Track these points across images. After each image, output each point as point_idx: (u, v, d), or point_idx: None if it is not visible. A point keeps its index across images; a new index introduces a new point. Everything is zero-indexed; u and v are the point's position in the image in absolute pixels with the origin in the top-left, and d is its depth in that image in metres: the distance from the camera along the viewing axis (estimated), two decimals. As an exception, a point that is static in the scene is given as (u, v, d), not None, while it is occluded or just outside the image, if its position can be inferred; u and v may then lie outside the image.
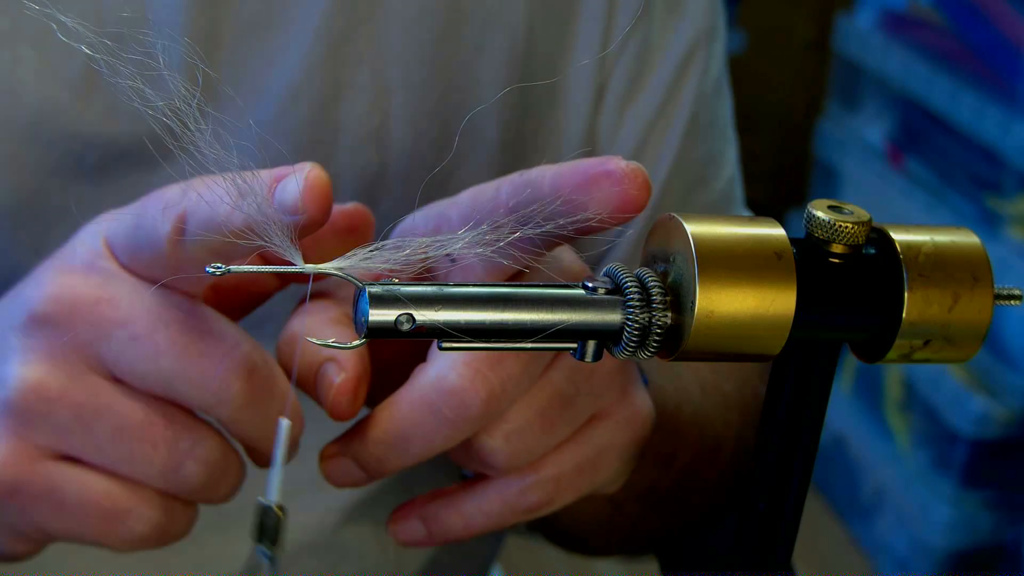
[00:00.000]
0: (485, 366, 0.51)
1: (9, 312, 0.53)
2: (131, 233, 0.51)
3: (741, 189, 0.85)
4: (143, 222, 0.49)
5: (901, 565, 2.03)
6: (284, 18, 0.71)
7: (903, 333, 0.46)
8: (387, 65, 0.72)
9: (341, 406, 0.53)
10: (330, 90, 0.71)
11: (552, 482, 0.55)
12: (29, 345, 0.51)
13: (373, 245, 0.45)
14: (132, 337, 0.50)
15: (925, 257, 0.46)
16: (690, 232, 0.44)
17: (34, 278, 0.53)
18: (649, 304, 0.44)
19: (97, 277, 0.51)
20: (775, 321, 0.44)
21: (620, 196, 0.46)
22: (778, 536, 0.50)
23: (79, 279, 0.51)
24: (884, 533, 2.07)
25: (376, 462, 0.54)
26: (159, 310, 0.50)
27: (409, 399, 0.52)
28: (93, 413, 0.51)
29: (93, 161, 0.70)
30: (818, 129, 2.36)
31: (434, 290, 0.43)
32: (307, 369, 0.54)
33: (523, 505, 0.55)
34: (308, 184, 0.45)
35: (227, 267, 0.43)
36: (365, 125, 0.72)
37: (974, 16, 1.96)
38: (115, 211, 0.52)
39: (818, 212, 0.46)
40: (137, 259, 0.51)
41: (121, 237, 0.51)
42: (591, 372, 0.55)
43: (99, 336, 0.50)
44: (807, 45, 2.64)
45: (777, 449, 0.49)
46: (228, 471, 0.53)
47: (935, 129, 2.05)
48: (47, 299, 0.51)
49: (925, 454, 1.98)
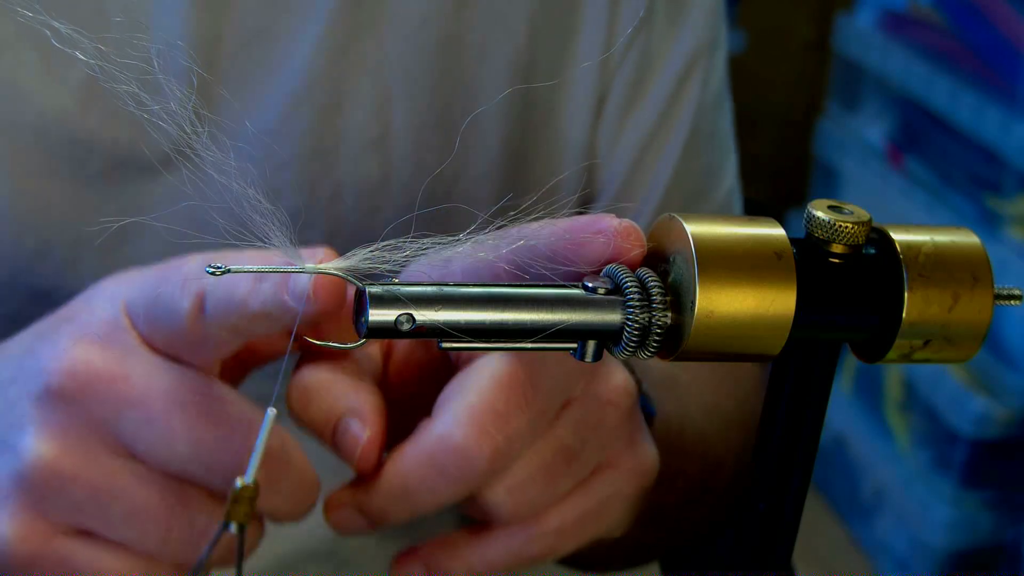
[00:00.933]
0: (490, 423, 0.51)
1: (26, 374, 0.52)
2: (151, 305, 0.50)
3: (740, 200, 0.85)
4: (163, 296, 0.49)
5: (901, 565, 2.03)
6: (286, 26, 0.71)
7: (903, 333, 0.46)
8: (389, 74, 0.72)
9: (369, 463, 0.53)
10: (332, 98, 0.71)
11: (555, 534, 0.55)
12: (45, 419, 0.50)
13: (373, 245, 0.45)
14: (148, 419, 0.50)
15: (925, 257, 0.46)
16: (690, 232, 0.44)
17: (51, 340, 0.52)
18: (649, 304, 0.44)
19: (115, 351, 0.50)
20: (775, 321, 0.44)
21: (615, 252, 0.46)
22: (778, 536, 0.50)
23: (97, 352, 0.50)
24: (884, 533, 2.07)
25: (380, 513, 0.54)
26: (176, 391, 0.50)
27: (414, 455, 0.52)
28: (108, 494, 0.50)
29: (97, 167, 0.70)
30: (818, 129, 2.36)
31: (434, 290, 0.43)
32: (324, 417, 0.54)
33: (526, 555, 0.55)
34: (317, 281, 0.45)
35: (227, 267, 0.43)
36: (367, 133, 0.72)
37: (974, 16, 1.96)
38: (134, 273, 0.52)
39: (818, 212, 0.46)
40: (156, 332, 0.50)
41: (141, 308, 0.51)
42: (597, 425, 0.54)
43: (115, 415, 0.50)
44: (807, 45, 2.64)
45: (777, 449, 0.49)
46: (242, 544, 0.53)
47: (935, 129, 2.05)
48: (64, 373, 0.50)
49: (925, 454, 1.98)
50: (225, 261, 0.45)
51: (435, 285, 0.43)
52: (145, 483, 0.51)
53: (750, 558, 0.51)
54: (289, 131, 0.71)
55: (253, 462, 0.48)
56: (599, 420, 0.54)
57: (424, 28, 0.72)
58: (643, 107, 0.77)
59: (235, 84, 0.70)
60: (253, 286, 0.46)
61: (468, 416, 0.51)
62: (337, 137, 0.72)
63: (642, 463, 0.57)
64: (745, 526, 0.50)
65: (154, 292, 0.50)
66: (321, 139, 0.72)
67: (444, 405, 0.53)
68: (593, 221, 0.46)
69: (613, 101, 0.77)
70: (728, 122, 0.84)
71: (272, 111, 0.70)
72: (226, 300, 0.47)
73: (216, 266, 0.43)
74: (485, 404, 0.51)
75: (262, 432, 0.48)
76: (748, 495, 0.50)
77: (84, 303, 0.53)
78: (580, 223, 0.47)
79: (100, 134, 0.69)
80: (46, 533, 0.51)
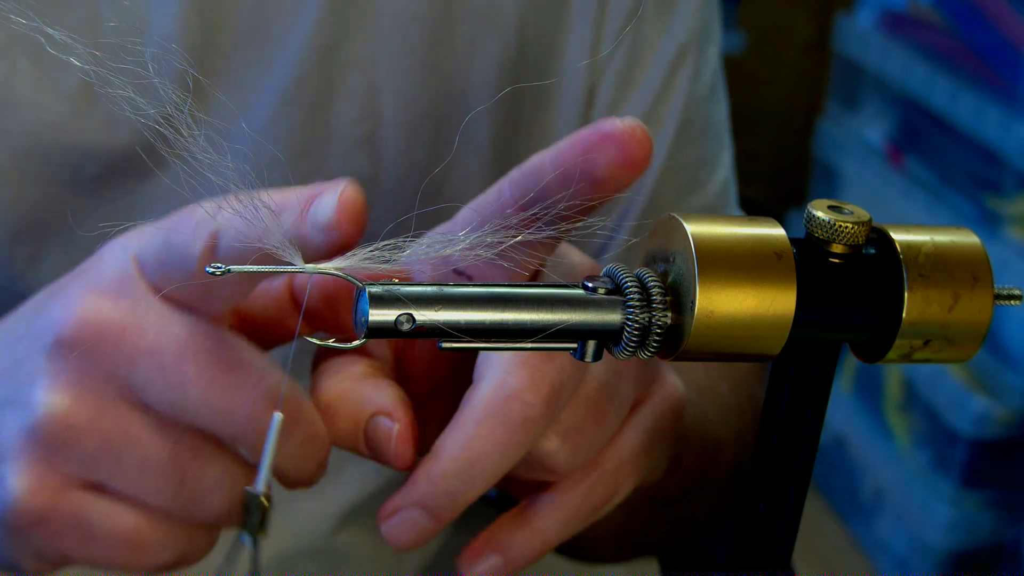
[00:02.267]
0: (540, 362, 0.50)
1: (35, 331, 0.52)
2: (162, 251, 0.50)
3: (735, 192, 0.85)
4: (174, 240, 0.49)
5: (901, 565, 2.03)
6: (277, 26, 0.71)
7: (903, 333, 0.46)
8: (378, 70, 0.72)
9: (407, 454, 0.52)
10: (322, 96, 0.71)
11: (614, 473, 0.55)
12: (56, 370, 0.50)
13: (373, 245, 0.45)
14: (159, 367, 0.49)
15: (925, 257, 0.46)
16: (690, 232, 0.44)
17: (61, 295, 0.52)
18: (649, 304, 0.44)
19: (126, 301, 0.50)
20: (775, 321, 0.44)
21: (622, 155, 0.46)
22: (778, 536, 0.50)
23: (107, 302, 0.50)
24: (884, 533, 2.07)
25: (449, 500, 0.51)
26: (187, 339, 0.49)
27: (474, 417, 0.51)
28: (120, 445, 0.50)
29: (91, 173, 0.70)
30: (818, 129, 2.36)
31: (434, 290, 0.43)
32: (352, 427, 0.53)
33: (592, 503, 0.55)
34: (343, 202, 0.45)
35: (227, 267, 0.43)
36: (357, 130, 0.72)
37: (974, 16, 1.96)
38: (145, 225, 0.51)
39: (818, 212, 0.46)
40: (167, 279, 0.50)
41: (151, 255, 0.50)
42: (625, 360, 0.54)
43: (127, 364, 0.49)
44: (807, 45, 2.64)
45: (777, 449, 0.49)
46: None
47: (935, 129, 2.05)
48: (75, 323, 0.50)
49: (925, 454, 1.98)
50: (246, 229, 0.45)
51: (435, 285, 0.43)
52: (157, 433, 0.50)
53: (750, 558, 0.51)
54: (278, 129, 0.71)
55: (263, 471, 0.47)
56: None
57: (413, 25, 0.72)
58: (633, 99, 0.77)
59: (226, 84, 0.70)
60: (271, 220, 0.45)
61: (516, 362, 0.50)
62: (326, 135, 0.72)
63: (671, 391, 0.58)
64: (745, 526, 0.50)
65: (165, 239, 0.49)
66: (310, 137, 0.72)
67: (485, 366, 0.52)
68: (597, 126, 0.46)
69: (602, 93, 0.77)
70: (723, 115, 0.84)
71: (262, 110, 0.71)
72: (241, 239, 0.46)
73: (217, 266, 0.43)
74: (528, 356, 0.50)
75: (270, 438, 0.47)
76: (748, 495, 0.50)
77: (94, 259, 0.53)
78: (583, 133, 0.47)
79: (94, 140, 0.69)
80: (58, 487, 0.50)
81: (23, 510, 0.50)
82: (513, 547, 0.54)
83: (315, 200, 0.45)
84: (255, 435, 0.50)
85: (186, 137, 0.45)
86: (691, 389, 0.71)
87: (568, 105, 0.76)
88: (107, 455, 0.50)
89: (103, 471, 0.51)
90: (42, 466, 0.50)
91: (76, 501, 0.51)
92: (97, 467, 0.50)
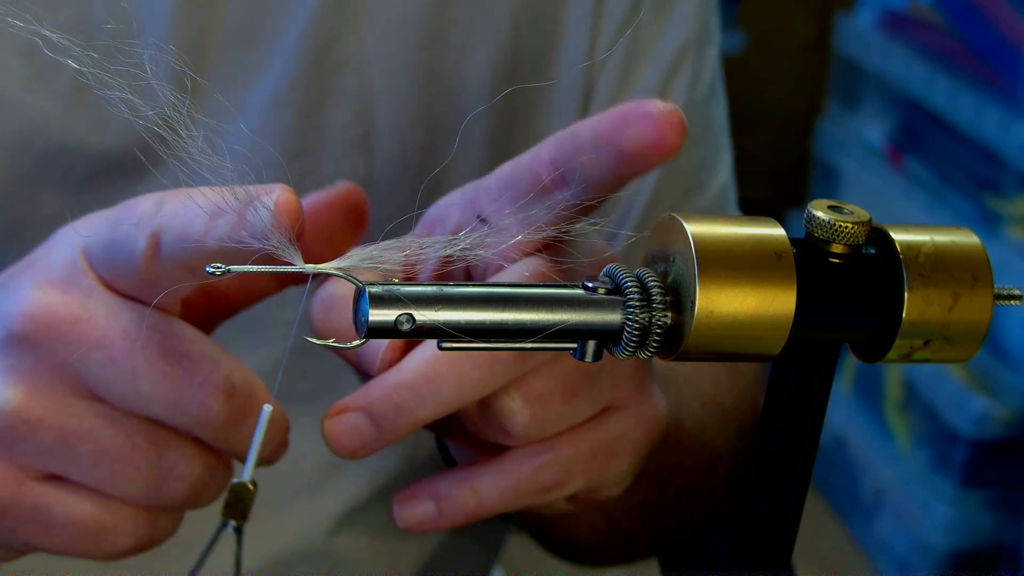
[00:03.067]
0: None
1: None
2: (107, 246, 0.50)
3: (735, 194, 0.85)
4: (118, 236, 0.49)
5: (901, 565, 2.03)
6: (269, 26, 0.71)
7: (903, 333, 0.46)
8: (372, 72, 0.72)
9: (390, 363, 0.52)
10: (315, 97, 0.71)
11: (567, 462, 0.54)
12: (9, 365, 0.50)
13: (373, 245, 0.45)
14: (110, 359, 0.49)
15: (925, 257, 0.46)
16: (690, 232, 0.44)
17: (11, 287, 0.52)
18: (649, 304, 0.44)
19: (75, 293, 0.50)
20: (775, 321, 0.44)
21: (654, 134, 0.47)
22: (778, 536, 0.50)
23: (57, 295, 0.50)
24: (884, 533, 2.08)
25: (395, 412, 0.51)
26: (136, 332, 0.50)
27: None
28: (75, 436, 0.50)
29: (83, 172, 0.70)
30: (818, 129, 2.36)
31: (434, 290, 0.43)
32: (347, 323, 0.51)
33: (537, 483, 0.54)
34: (277, 208, 0.44)
35: (227, 267, 0.43)
36: (350, 132, 0.72)
37: (974, 16, 1.96)
38: (89, 217, 0.51)
39: (818, 212, 0.46)
40: (114, 274, 0.50)
41: (98, 250, 0.50)
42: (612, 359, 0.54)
43: (78, 357, 0.50)
44: (807, 45, 2.64)
45: (777, 449, 0.49)
46: (212, 481, 0.53)
47: (935, 129, 2.05)
48: (25, 317, 0.50)
49: (925, 454, 1.98)
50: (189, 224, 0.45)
51: (435, 285, 0.43)
52: (112, 424, 0.50)
53: (750, 558, 0.51)
54: (272, 130, 0.71)
55: (250, 460, 0.48)
56: None
57: (407, 26, 0.72)
58: (631, 99, 0.77)
59: (219, 84, 0.70)
60: (209, 223, 0.45)
61: None
62: (320, 136, 0.72)
63: (652, 411, 0.57)
64: (745, 526, 0.50)
65: (109, 234, 0.49)
66: (304, 138, 0.72)
67: None
68: (639, 103, 0.47)
69: (600, 95, 0.76)
70: (722, 117, 0.83)
71: (255, 111, 0.70)
72: (182, 238, 0.46)
73: (216, 266, 0.43)
74: None
75: (259, 429, 0.48)
76: (748, 495, 0.50)
77: (43, 250, 0.53)
78: (624, 107, 0.48)
79: (86, 140, 0.69)
80: (16, 479, 0.51)
81: None
82: (450, 499, 0.54)
83: (250, 208, 0.45)
84: (210, 425, 0.50)
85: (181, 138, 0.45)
86: (694, 401, 0.71)
87: (564, 106, 0.76)
88: (63, 447, 0.50)
89: (60, 463, 0.51)
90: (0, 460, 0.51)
91: (34, 492, 0.51)
92: (53, 459, 0.51)
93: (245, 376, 0.52)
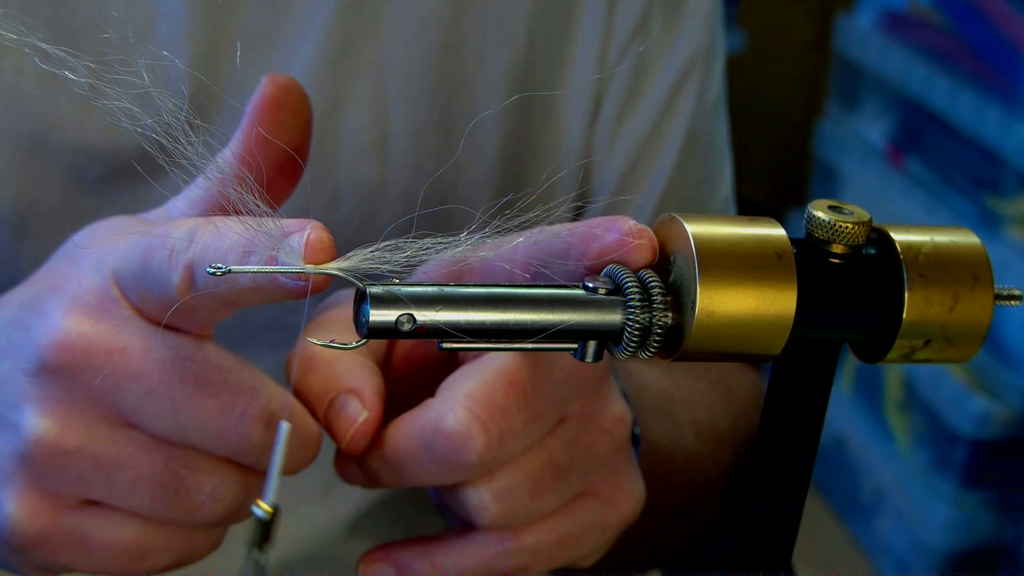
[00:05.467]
0: (487, 414, 0.51)
1: (18, 349, 0.51)
2: (139, 276, 0.49)
3: (734, 209, 0.85)
4: (151, 269, 0.48)
5: (901, 565, 2.03)
6: (286, 31, 0.71)
7: (903, 333, 0.46)
8: (388, 78, 0.72)
9: (360, 445, 0.53)
10: (331, 102, 0.71)
11: (531, 551, 0.55)
12: (43, 395, 0.50)
13: (373, 246, 0.45)
14: (147, 391, 0.49)
15: (925, 257, 0.46)
16: (691, 232, 0.44)
17: (41, 312, 0.51)
18: (650, 304, 0.44)
19: (109, 323, 0.50)
20: (775, 321, 0.44)
21: (621, 252, 0.46)
22: (778, 536, 0.50)
23: (90, 325, 0.49)
24: (884, 533, 2.07)
25: (373, 475, 0.54)
26: (173, 362, 0.49)
27: (407, 430, 0.52)
28: (112, 465, 0.50)
29: (97, 173, 0.70)
30: (818, 129, 2.36)
31: (435, 290, 0.43)
32: (323, 389, 0.53)
33: (498, 568, 0.55)
34: (310, 245, 0.44)
35: (228, 267, 0.43)
36: (366, 137, 0.72)
37: (974, 16, 1.96)
38: (119, 241, 0.51)
39: (818, 212, 0.46)
40: (147, 303, 0.50)
41: (129, 278, 0.50)
42: (588, 448, 0.54)
43: (114, 387, 0.49)
44: (807, 45, 2.64)
45: (777, 449, 0.49)
46: (249, 498, 0.53)
47: (935, 129, 2.05)
48: (59, 347, 0.49)
49: (925, 454, 1.98)
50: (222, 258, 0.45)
51: (436, 285, 0.43)
52: (148, 452, 0.50)
53: (750, 558, 0.51)
54: None
55: (271, 484, 0.47)
56: (591, 444, 0.54)
57: (422, 32, 0.72)
58: (638, 113, 0.77)
59: (235, 88, 0.70)
60: (243, 261, 0.45)
61: (467, 403, 0.51)
62: (336, 141, 0.72)
63: (627, 498, 0.57)
64: (745, 526, 0.51)
65: (141, 264, 0.49)
66: (320, 143, 0.72)
67: (446, 390, 0.52)
68: (612, 219, 0.47)
69: (609, 106, 0.77)
70: (725, 130, 0.84)
71: None
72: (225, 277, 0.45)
73: (217, 266, 0.43)
74: (485, 394, 0.51)
75: (277, 449, 0.47)
76: (748, 495, 0.50)
77: (70, 270, 0.52)
78: (597, 221, 0.47)
79: (101, 140, 0.69)
80: (54, 508, 0.51)
81: (21, 532, 0.51)
82: (410, 567, 0.55)
83: (285, 241, 0.45)
84: (249, 452, 0.50)
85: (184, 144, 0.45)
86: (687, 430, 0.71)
87: (575, 115, 0.76)
88: (99, 475, 0.50)
89: (97, 490, 0.51)
90: (37, 490, 0.51)
91: (73, 519, 0.51)
92: (91, 487, 0.51)
93: (283, 402, 0.51)
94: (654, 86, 0.78)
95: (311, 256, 0.44)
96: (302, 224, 0.45)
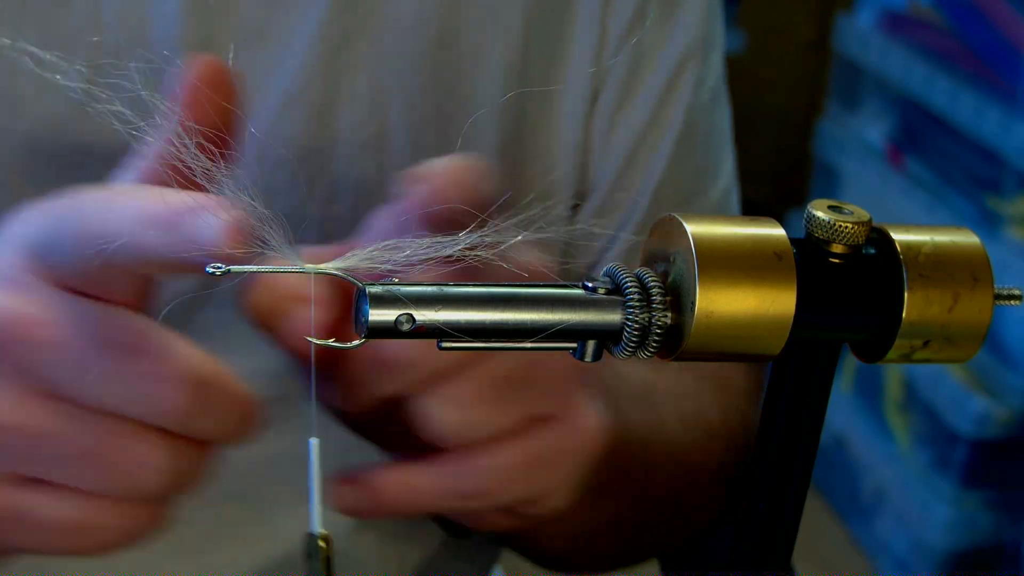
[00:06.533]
0: None
1: None
2: (51, 247, 0.48)
3: (737, 199, 0.85)
4: (64, 239, 0.47)
5: (901, 565, 2.03)
6: (281, 27, 0.71)
7: (903, 333, 0.46)
8: (384, 73, 0.72)
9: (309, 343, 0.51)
10: (327, 98, 0.71)
11: (493, 472, 0.54)
12: None
13: (373, 246, 0.45)
14: (66, 360, 0.48)
15: (925, 257, 0.46)
16: (690, 232, 0.44)
17: None
18: (649, 304, 0.44)
19: (27, 295, 0.49)
20: (775, 321, 0.44)
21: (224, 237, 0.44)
22: (778, 536, 0.50)
23: (8, 298, 0.48)
24: (884, 533, 2.08)
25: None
26: (92, 330, 0.48)
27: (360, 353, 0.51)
28: (43, 438, 0.49)
29: (92, 172, 0.70)
30: (818, 129, 2.37)
31: (434, 290, 0.43)
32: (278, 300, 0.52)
33: (457, 490, 0.54)
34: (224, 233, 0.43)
35: (227, 267, 0.43)
36: (362, 133, 0.72)
37: (974, 16, 1.96)
38: (33, 212, 0.50)
39: (818, 212, 0.46)
40: (64, 273, 0.49)
41: (42, 249, 0.49)
42: (544, 366, 0.54)
43: (37, 360, 0.48)
44: (807, 45, 2.65)
45: (777, 449, 0.49)
46: (190, 467, 0.52)
47: (935, 129, 2.05)
48: None
49: (925, 454, 1.98)
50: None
51: (435, 285, 0.43)
52: (76, 422, 0.49)
53: (750, 558, 0.51)
54: (283, 132, 0.71)
55: (314, 509, 0.46)
56: (548, 363, 0.54)
57: (418, 28, 0.72)
58: (635, 105, 0.77)
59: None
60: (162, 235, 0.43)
61: None
62: (332, 137, 0.72)
63: (588, 423, 0.56)
64: (745, 526, 0.51)
65: (54, 233, 0.48)
66: (315, 139, 0.72)
67: None
68: None
69: (605, 98, 0.77)
70: (726, 122, 0.84)
71: (266, 112, 0.71)
72: (130, 247, 0.45)
73: (217, 266, 0.43)
74: None
75: (311, 468, 0.46)
76: (748, 495, 0.50)
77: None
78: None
79: (96, 140, 0.69)
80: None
81: None
82: (373, 489, 0.55)
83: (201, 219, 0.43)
84: (171, 416, 0.49)
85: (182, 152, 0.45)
86: (671, 418, 0.70)
87: (572, 110, 0.76)
88: (32, 450, 0.49)
89: (33, 465, 0.50)
90: None
91: (12, 498, 0.50)
92: (24, 462, 0.50)
93: (204, 364, 0.50)
94: (650, 78, 0.78)
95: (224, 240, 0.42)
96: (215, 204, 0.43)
